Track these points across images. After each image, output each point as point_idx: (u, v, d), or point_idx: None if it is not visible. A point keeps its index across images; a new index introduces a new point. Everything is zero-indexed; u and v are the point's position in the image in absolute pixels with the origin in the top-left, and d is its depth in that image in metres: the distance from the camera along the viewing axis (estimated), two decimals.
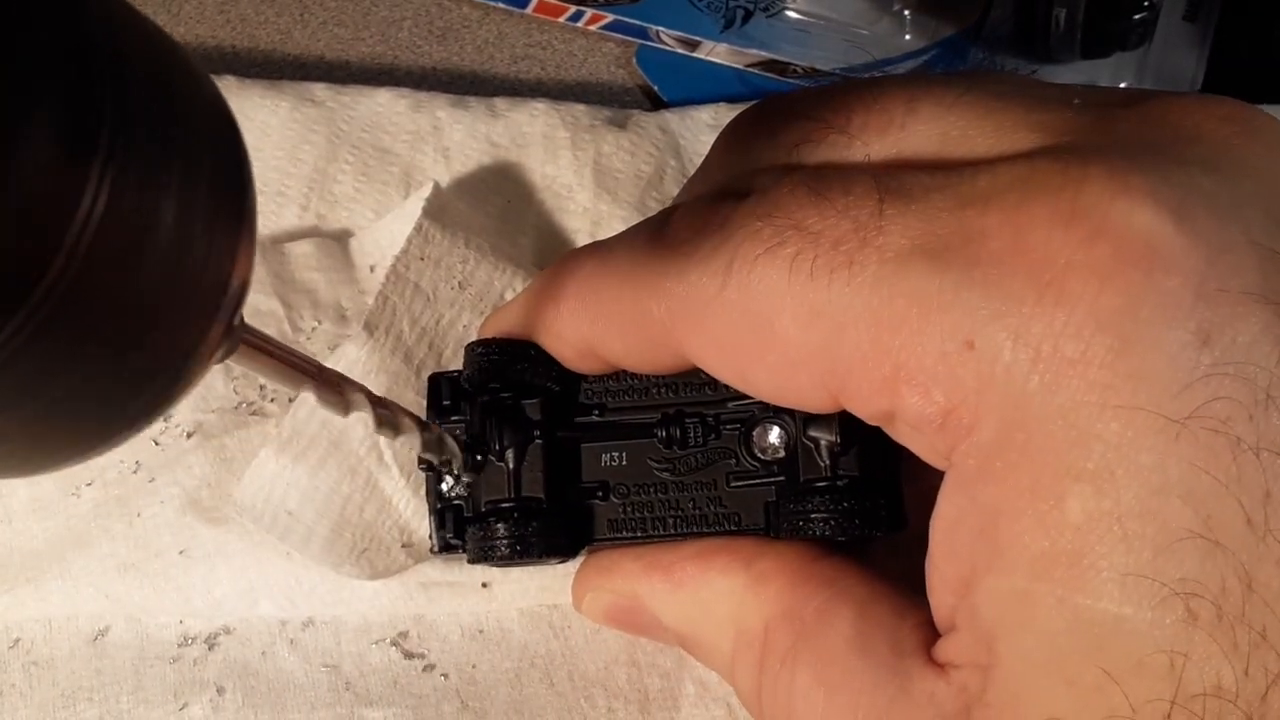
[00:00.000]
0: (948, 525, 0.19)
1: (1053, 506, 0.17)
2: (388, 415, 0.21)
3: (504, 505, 0.24)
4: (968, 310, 0.18)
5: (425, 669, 0.30)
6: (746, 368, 0.21)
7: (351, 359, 0.30)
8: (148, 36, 0.13)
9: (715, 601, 0.23)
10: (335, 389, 0.19)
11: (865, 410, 0.20)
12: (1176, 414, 0.16)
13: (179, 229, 0.12)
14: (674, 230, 0.22)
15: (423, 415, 0.27)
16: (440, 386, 0.27)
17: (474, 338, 0.30)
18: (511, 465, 0.24)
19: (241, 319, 0.15)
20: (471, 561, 0.25)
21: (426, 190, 0.32)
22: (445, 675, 0.30)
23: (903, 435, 0.20)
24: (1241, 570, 0.16)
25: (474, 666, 0.30)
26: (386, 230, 0.32)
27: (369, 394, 0.20)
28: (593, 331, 0.23)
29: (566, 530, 0.25)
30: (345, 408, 0.20)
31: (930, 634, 0.20)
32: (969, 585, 0.19)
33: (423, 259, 0.31)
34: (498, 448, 0.24)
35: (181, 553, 0.29)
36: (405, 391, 0.30)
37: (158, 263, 0.12)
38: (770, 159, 0.22)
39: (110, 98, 0.11)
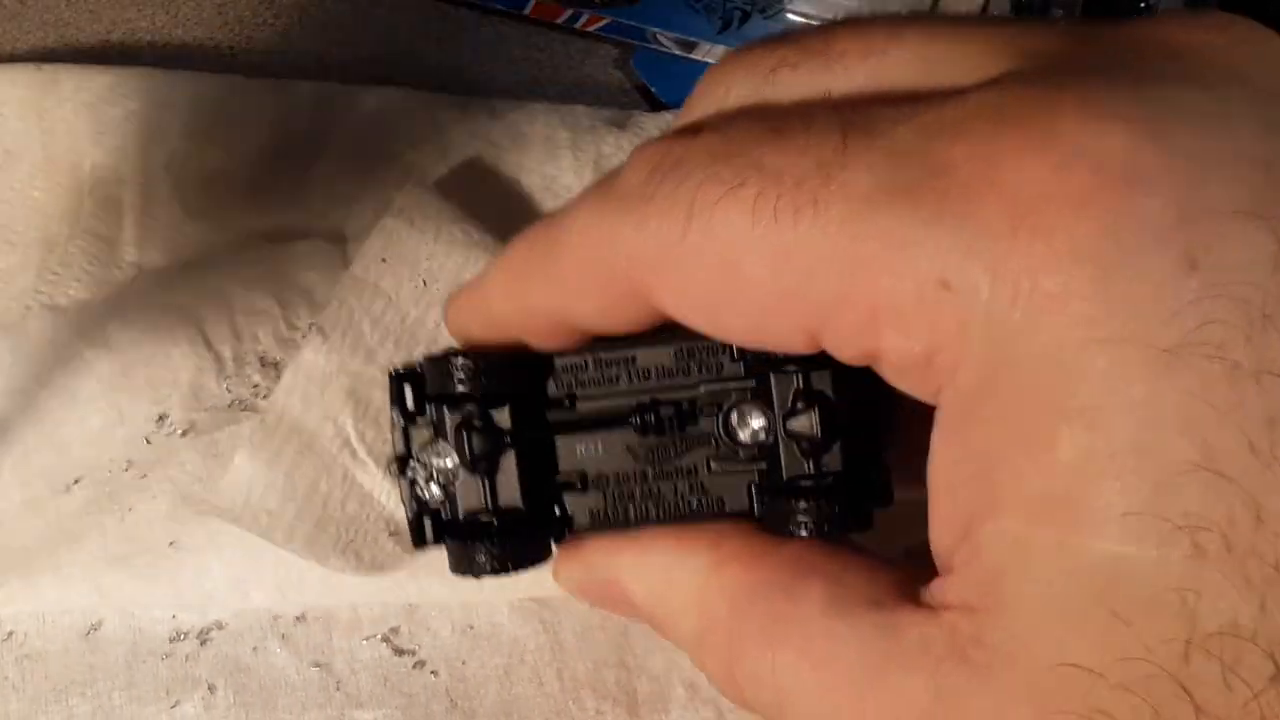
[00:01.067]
0: (943, 470, 0.18)
1: (1044, 448, 0.16)
2: None
3: (482, 519, 0.24)
4: (940, 249, 0.17)
5: (415, 665, 0.30)
6: (719, 315, 0.20)
7: (309, 363, 0.30)
8: None
9: (680, 580, 0.23)
10: None
11: (847, 353, 0.19)
12: (1167, 343, 0.16)
13: None
14: (629, 176, 0.20)
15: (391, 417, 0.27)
16: (402, 387, 0.26)
17: (445, 334, 0.30)
18: (485, 480, 0.24)
19: None
20: (454, 572, 0.25)
21: (407, 187, 0.32)
22: (435, 672, 0.30)
23: (889, 376, 0.19)
24: (1249, 500, 0.15)
25: (464, 663, 0.30)
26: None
27: None
28: (561, 298, 0.22)
29: (547, 533, 0.25)
30: None
31: (910, 589, 0.20)
32: (968, 530, 0.18)
33: (384, 260, 0.32)
34: (469, 461, 0.24)
35: (172, 544, 0.29)
36: (371, 390, 0.30)
37: None
38: (743, 93, 0.21)
39: None
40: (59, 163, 0.33)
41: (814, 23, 0.37)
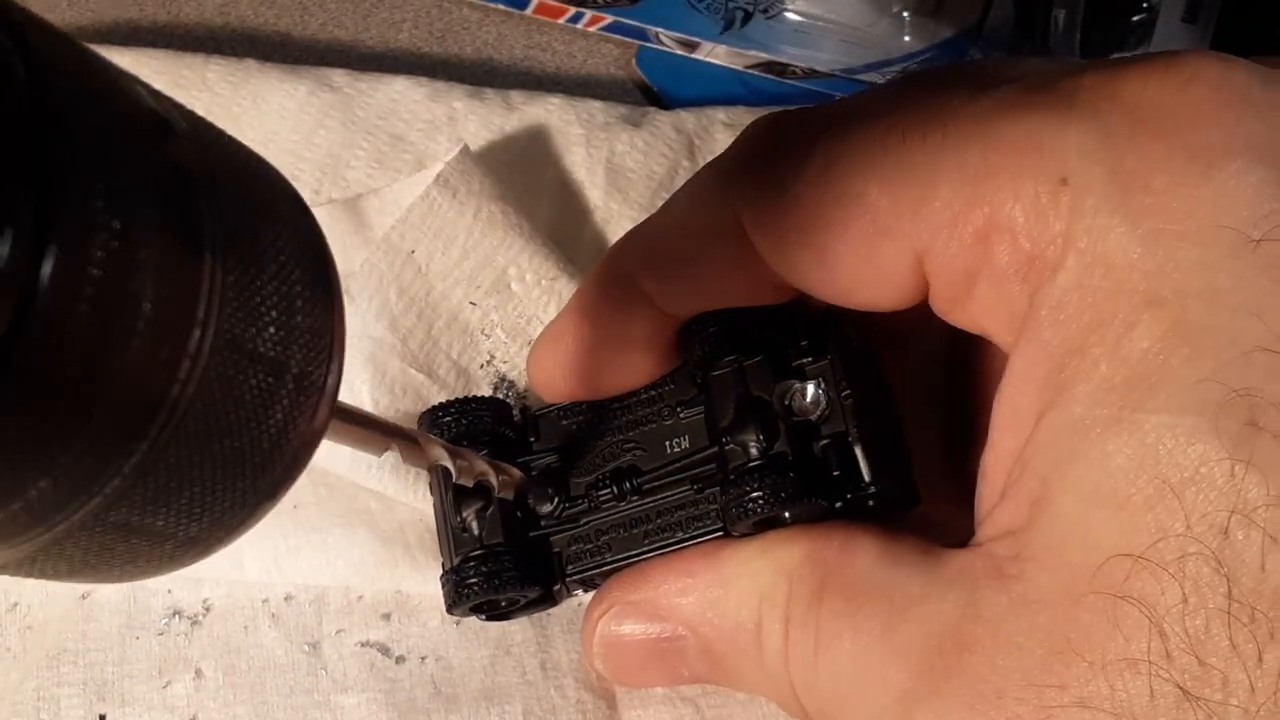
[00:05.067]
0: (1015, 381, 0.19)
1: (1121, 336, 0.17)
2: (465, 465, 0.23)
3: (473, 554, 0.26)
4: (1064, 149, 0.18)
5: (403, 653, 0.30)
6: (828, 247, 0.21)
7: None
8: (242, 162, 0.14)
9: (734, 577, 0.23)
10: (417, 446, 0.21)
11: (948, 274, 0.20)
12: (1257, 236, 0.17)
13: (282, 331, 0.13)
14: (744, 140, 0.22)
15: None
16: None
17: (468, 311, 0.31)
18: (475, 528, 0.26)
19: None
20: (450, 609, 0.26)
21: (450, 155, 0.32)
22: (422, 658, 0.30)
23: (981, 303, 0.20)
24: None
25: (450, 652, 0.30)
26: (408, 192, 0.33)
27: (447, 447, 0.22)
28: (666, 270, 0.23)
29: (538, 563, 0.26)
30: (427, 460, 0.21)
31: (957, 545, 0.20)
32: (1027, 440, 0.19)
33: (421, 228, 0.32)
34: (459, 519, 0.26)
35: None
36: (390, 358, 0.31)
37: (267, 362, 0.13)
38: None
39: (209, 214, 0.12)
40: None
41: (815, 23, 0.37)
